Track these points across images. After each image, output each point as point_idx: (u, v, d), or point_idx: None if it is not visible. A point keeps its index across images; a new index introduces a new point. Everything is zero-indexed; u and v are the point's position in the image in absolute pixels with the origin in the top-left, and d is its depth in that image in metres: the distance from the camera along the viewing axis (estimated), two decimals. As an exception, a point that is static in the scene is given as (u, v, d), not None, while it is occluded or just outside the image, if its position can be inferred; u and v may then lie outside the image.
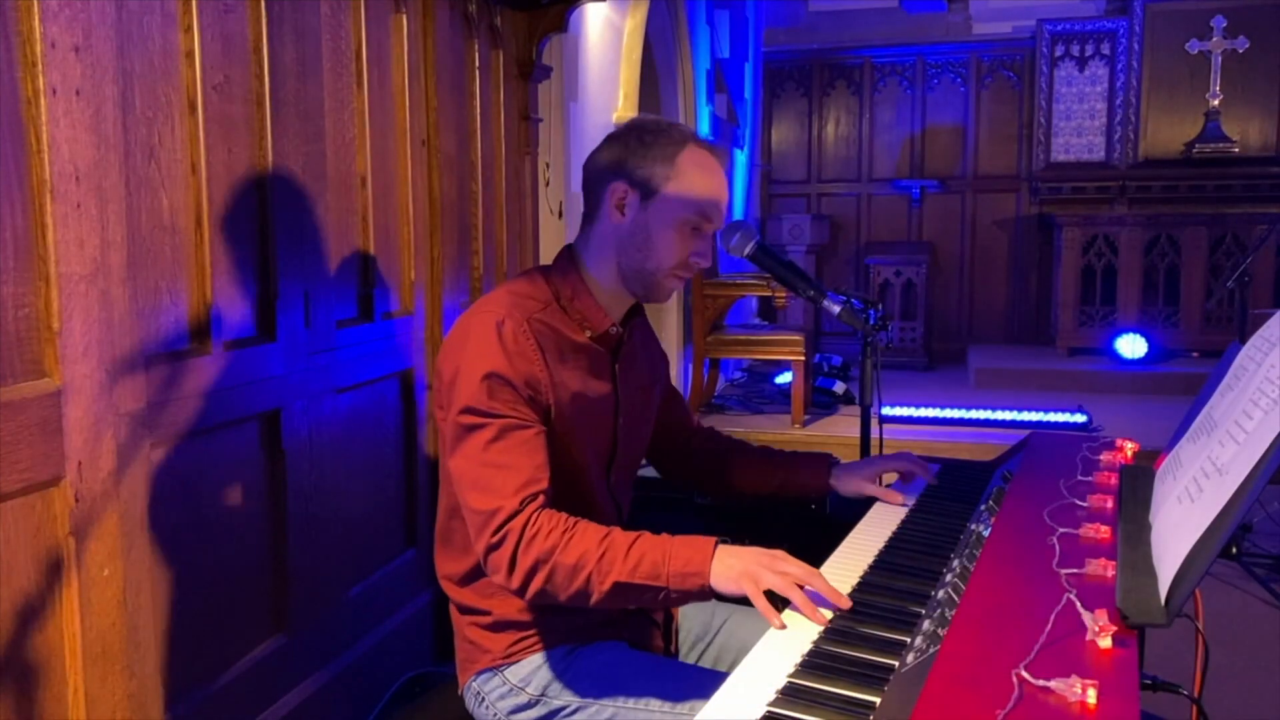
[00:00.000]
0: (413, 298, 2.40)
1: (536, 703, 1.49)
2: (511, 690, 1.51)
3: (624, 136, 1.53)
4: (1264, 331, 1.40)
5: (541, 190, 3.28)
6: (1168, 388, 6.23)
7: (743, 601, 1.51)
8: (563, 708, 1.47)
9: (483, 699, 1.53)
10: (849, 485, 1.76)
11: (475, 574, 1.54)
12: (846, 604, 1.28)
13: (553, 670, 1.50)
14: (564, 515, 1.37)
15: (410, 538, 2.44)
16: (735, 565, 1.32)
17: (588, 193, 1.57)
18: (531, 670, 1.50)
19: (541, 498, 1.38)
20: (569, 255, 1.58)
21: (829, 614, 1.27)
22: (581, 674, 1.49)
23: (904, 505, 1.70)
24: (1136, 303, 6.95)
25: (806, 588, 1.29)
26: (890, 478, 1.83)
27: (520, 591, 1.36)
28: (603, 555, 1.33)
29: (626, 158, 1.50)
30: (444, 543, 1.59)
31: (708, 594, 1.34)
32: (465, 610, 1.57)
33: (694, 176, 1.49)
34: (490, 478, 1.37)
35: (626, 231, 1.51)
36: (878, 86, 8.21)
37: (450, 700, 1.63)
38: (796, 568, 1.32)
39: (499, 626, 1.53)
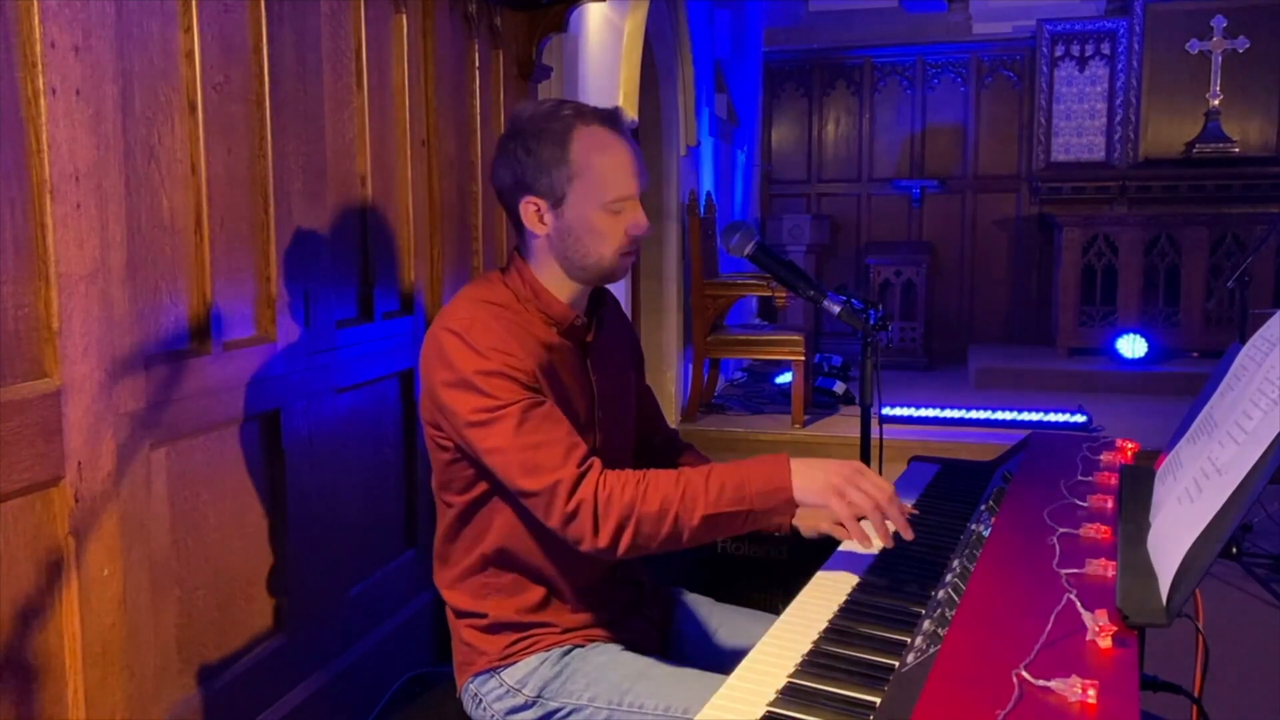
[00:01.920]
0: (413, 298, 2.40)
1: (533, 704, 1.49)
2: (508, 692, 1.50)
3: (510, 148, 1.47)
4: (1264, 331, 1.40)
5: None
6: (1168, 388, 6.22)
7: (740, 601, 1.50)
8: (558, 709, 1.47)
9: (480, 701, 1.53)
10: (810, 524, 1.65)
11: (468, 574, 1.54)
12: (911, 535, 1.34)
13: (549, 672, 1.50)
14: (630, 470, 1.38)
15: (410, 538, 2.44)
16: (819, 477, 1.35)
17: (504, 207, 1.53)
18: (528, 672, 1.50)
19: (596, 460, 1.38)
20: (518, 257, 1.55)
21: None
22: (578, 676, 1.49)
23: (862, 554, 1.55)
24: (1136, 303, 6.94)
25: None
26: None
27: (610, 551, 1.35)
28: (683, 495, 1.34)
29: (522, 172, 1.46)
30: (441, 556, 1.57)
31: (793, 507, 1.37)
32: (461, 614, 1.56)
33: (593, 164, 1.44)
34: (533, 457, 1.36)
35: (555, 238, 1.48)
36: (878, 86, 8.21)
37: (450, 701, 1.62)
38: (875, 488, 1.34)
39: (495, 629, 1.53)
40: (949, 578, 1.33)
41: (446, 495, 1.52)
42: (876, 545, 1.35)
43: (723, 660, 1.63)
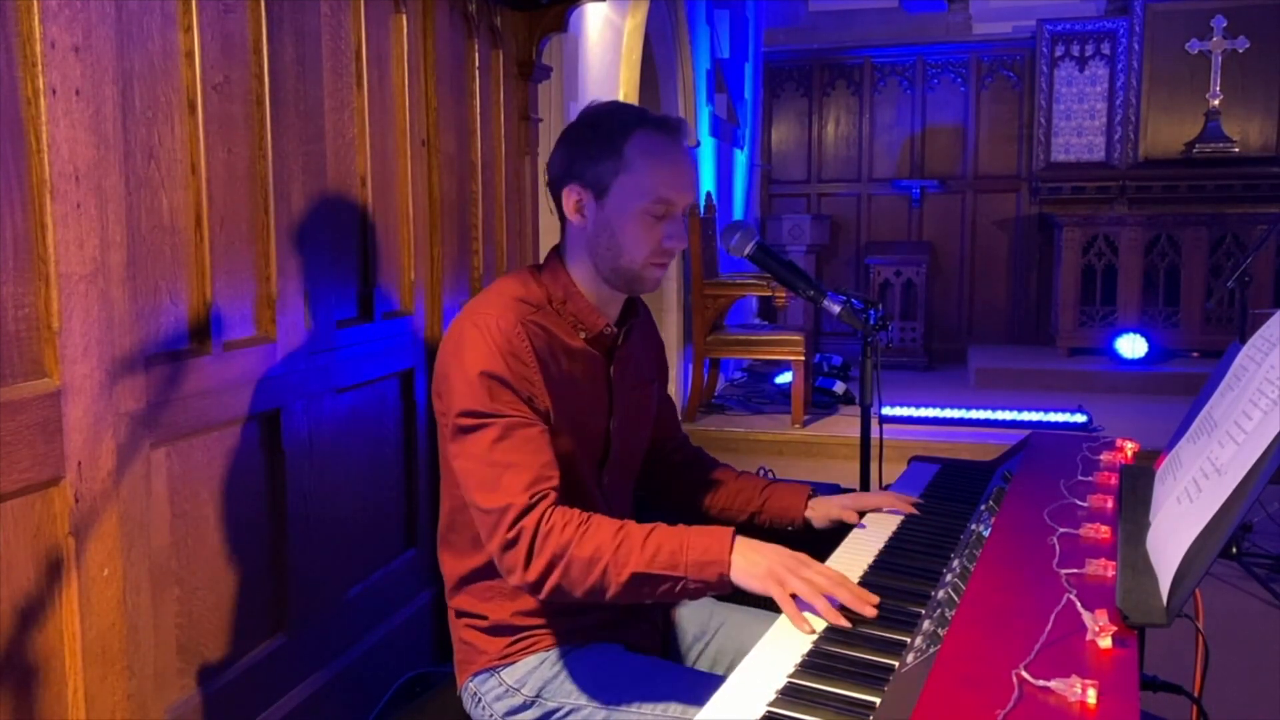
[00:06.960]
0: (413, 298, 2.40)
1: (532, 704, 1.49)
2: (508, 691, 1.51)
3: (569, 136, 1.51)
4: (1264, 331, 1.40)
5: (541, 190, 3.28)
6: (1168, 388, 6.23)
7: (742, 600, 1.49)
8: (557, 709, 1.47)
9: (479, 700, 1.53)
10: (822, 513, 1.69)
11: (473, 577, 1.54)
12: (873, 613, 1.23)
13: (549, 672, 1.50)
14: (577, 511, 1.35)
15: (410, 538, 2.44)
16: (760, 563, 1.29)
17: (552, 197, 1.55)
18: (527, 671, 1.50)
19: (552, 494, 1.35)
20: (556, 256, 1.56)
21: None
22: (577, 676, 1.49)
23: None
24: (1136, 303, 6.95)
25: (831, 597, 1.25)
26: (878, 500, 1.69)
27: (536, 588, 1.33)
28: (619, 547, 1.30)
29: (573, 159, 1.48)
30: (445, 543, 1.58)
31: (727, 585, 1.31)
32: (462, 614, 1.57)
33: (644, 164, 1.44)
34: (498, 476, 1.35)
35: (591, 233, 1.49)
36: (878, 86, 8.22)
37: (450, 700, 1.63)
38: (822, 576, 1.28)
39: (495, 630, 1.53)
40: (949, 578, 1.33)
41: (450, 484, 1.52)
42: (818, 627, 1.23)
43: (722, 660, 1.64)
